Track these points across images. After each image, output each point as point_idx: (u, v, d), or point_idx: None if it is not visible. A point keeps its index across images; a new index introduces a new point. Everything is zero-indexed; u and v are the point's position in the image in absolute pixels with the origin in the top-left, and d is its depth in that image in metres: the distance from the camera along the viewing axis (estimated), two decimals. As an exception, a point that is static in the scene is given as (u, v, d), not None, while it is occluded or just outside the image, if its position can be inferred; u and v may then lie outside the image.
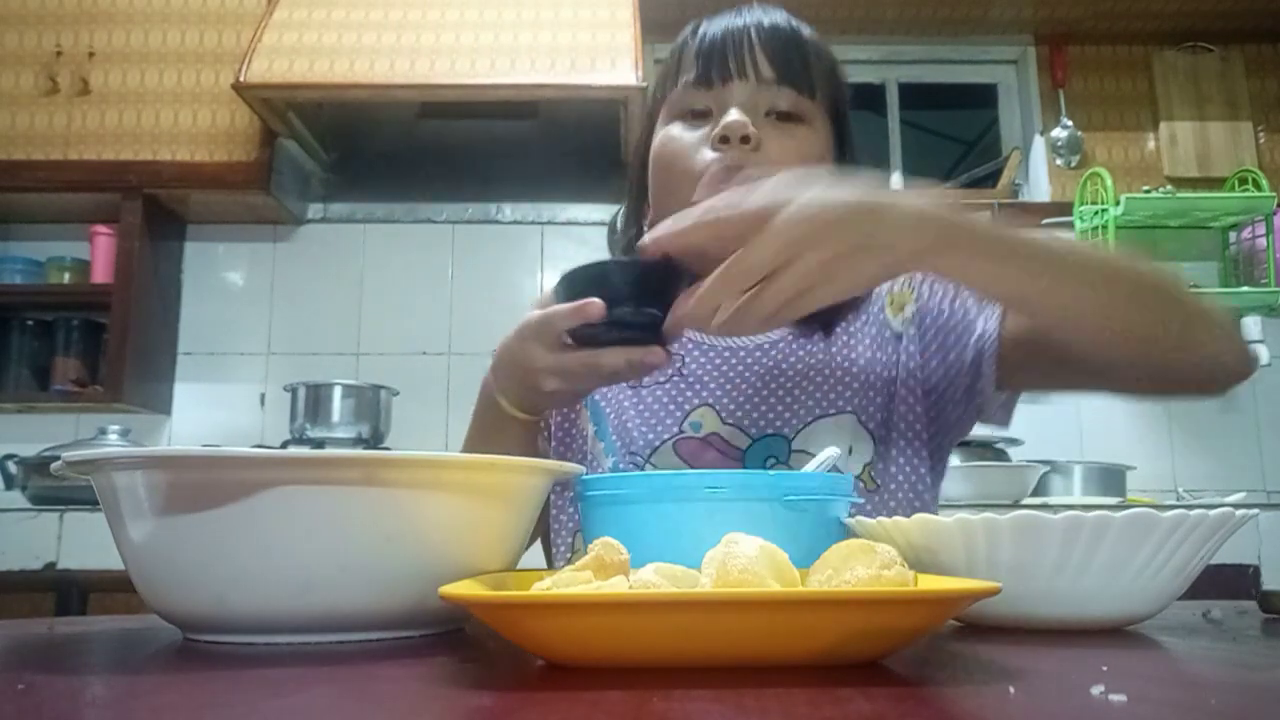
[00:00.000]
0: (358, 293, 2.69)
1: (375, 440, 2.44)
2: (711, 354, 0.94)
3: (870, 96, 2.96)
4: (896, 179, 2.89)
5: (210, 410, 2.62)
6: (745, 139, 0.84)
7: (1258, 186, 2.55)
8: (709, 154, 0.85)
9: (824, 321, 0.93)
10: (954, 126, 3.56)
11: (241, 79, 2.23)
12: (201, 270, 2.68)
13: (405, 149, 2.71)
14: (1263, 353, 2.46)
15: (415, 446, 2.49)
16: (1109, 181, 2.53)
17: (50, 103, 2.48)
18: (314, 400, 2.42)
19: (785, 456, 0.87)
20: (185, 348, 2.64)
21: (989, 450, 2.34)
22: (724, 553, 0.41)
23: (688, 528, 0.56)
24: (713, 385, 0.91)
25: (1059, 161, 2.75)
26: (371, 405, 2.45)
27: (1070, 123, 2.76)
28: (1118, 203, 2.49)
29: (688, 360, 0.94)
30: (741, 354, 0.94)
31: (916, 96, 2.99)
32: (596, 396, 0.90)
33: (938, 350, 0.92)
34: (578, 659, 0.39)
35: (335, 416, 2.41)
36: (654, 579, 0.41)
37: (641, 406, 0.92)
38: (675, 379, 0.93)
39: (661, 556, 0.46)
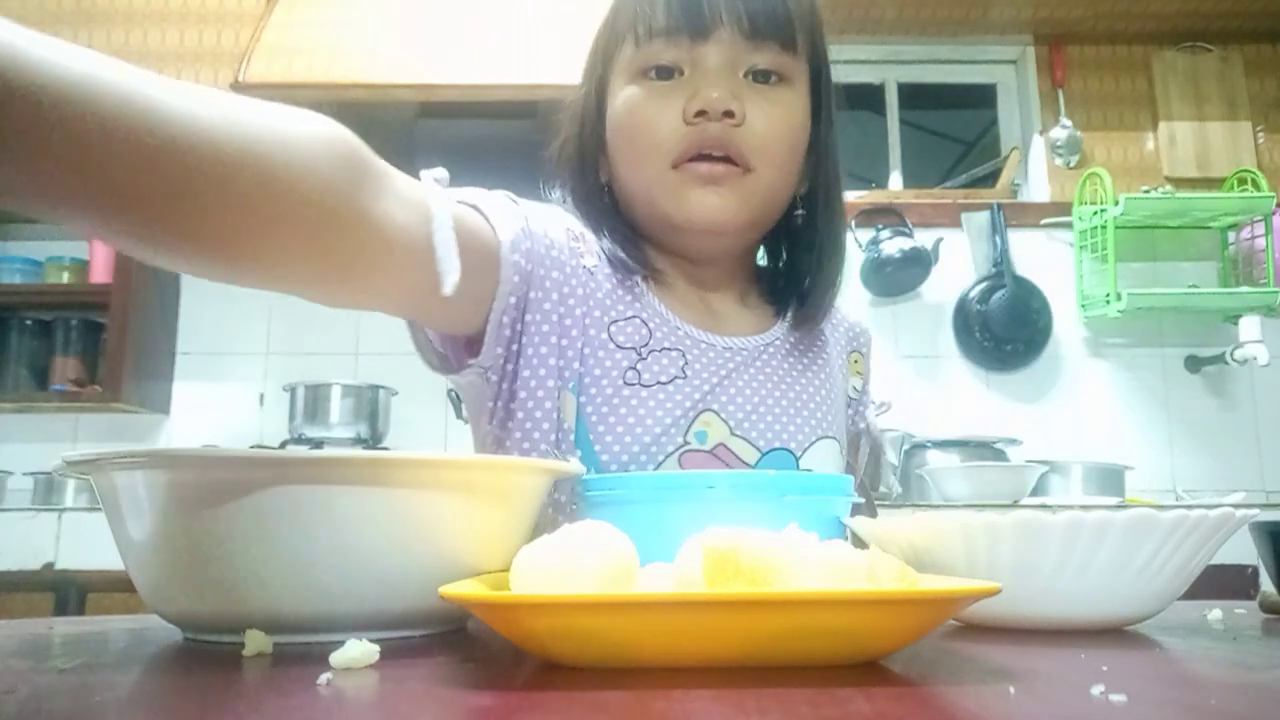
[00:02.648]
0: (357, 292, 2.68)
1: (374, 440, 2.44)
2: (712, 353, 0.83)
3: (870, 96, 2.96)
4: (896, 179, 2.90)
5: (209, 410, 2.61)
6: (729, 113, 0.75)
7: (1257, 187, 2.55)
8: (682, 127, 0.76)
9: (811, 309, 0.87)
10: (953, 126, 3.56)
11: (241, 79, 2.23)
12: (201, 270, 2.68)
13: (405, 149, 2.70)
14: (1262, 352, 2.46)
15: (414, 446, 2.49)
16: (1108, 181, 2.53)
17: (49, 102, 2.48)
18: (313, 400, 2.42)
19: None
20: (184, 347, 2.64)
21: (989, 450, 2.34)
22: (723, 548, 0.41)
23: (688, 528, 0.56)
24: (718, 389, 0.81)
25: (1058, 161, 2.75)
26: (370, 405, 2.45)
27: (1069, 123, 2.76)
28: (1117, 203, 2.50)
29: (689, 359, 0.82)
30: (744, 354, 0.84)
31: (916, 96, 2.99)
32: (583, 399, 0.78)
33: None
34: (578, 659, 0.39)
35: (334, 416, 2.41)
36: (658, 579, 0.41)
37: (643, 411, 0.78)
38: (679, 380, 0.80)
39: (661, 556, 0.46)
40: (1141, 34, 2.77)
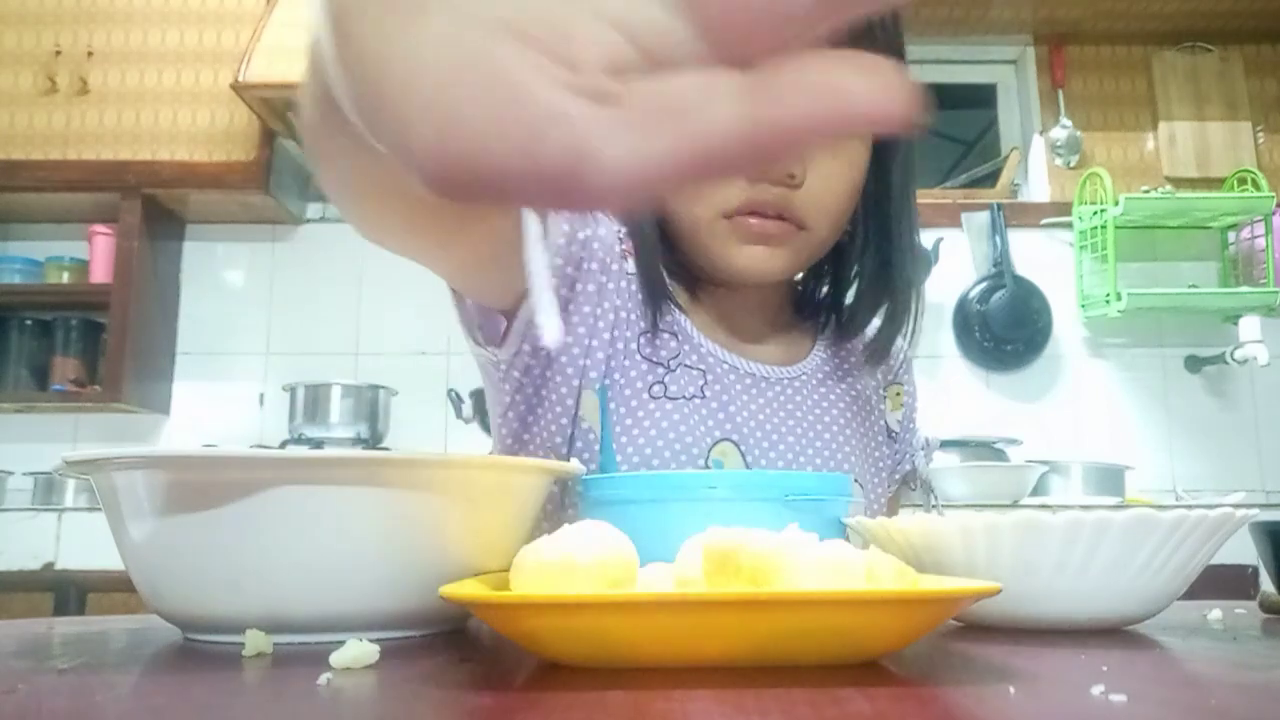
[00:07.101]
0: (356, 293, 2.68)
1: (374, 440, 2.44)
2: (733, 375, 0.83)
3: (869, 96, 2.95)
4: (896, 179, 2.90)
5: (209, 410, 2.61)
6: (790, 175, 0.71)
7: (1256, 187, 2.55)
8: (740, 181, 0.72)
9: (849, 324, 0.87)
10: (953, 126, 3.55)
11: (240, 78, 2.23)
12: (200, 270, 2.68)
13: (404, 149, 2.70)
14: (1262, 352, 2.46)
15: (414, 446, 2.49)
16: (1108, 181, 2.53)
17: (49, 102, 2.48)
18: (313, 400, 2.42)
19: None
20: (184, 347, 2.64)
21: (989, 450, 2.34)
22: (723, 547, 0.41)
23: (688, 528, 0.56)
24: (738, 417, 0.81)
25: (1058, 161, 2.75)
26: (370, 405, 2.45)
27: (1069, 123, 2.76)
28: (1117, 203, 2.50)
29: (710, 379, 0.81)
30: (768, 384, 0.84)
31: (916, 96, 2.98)
32: (611, 404, 0.77)
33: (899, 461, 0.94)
34: (578, 659, 0.39)
35: (334, 416, 2.41)
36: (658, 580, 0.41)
37: (666, 424, 0.78)
38: (697, 399, 0.80)
39: (661, 556, 0.46)
40: (1141, 34, 2.77)
